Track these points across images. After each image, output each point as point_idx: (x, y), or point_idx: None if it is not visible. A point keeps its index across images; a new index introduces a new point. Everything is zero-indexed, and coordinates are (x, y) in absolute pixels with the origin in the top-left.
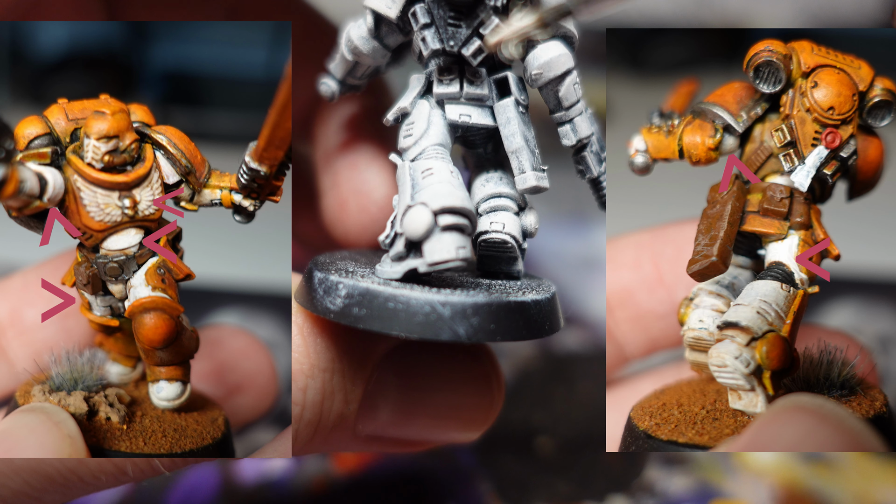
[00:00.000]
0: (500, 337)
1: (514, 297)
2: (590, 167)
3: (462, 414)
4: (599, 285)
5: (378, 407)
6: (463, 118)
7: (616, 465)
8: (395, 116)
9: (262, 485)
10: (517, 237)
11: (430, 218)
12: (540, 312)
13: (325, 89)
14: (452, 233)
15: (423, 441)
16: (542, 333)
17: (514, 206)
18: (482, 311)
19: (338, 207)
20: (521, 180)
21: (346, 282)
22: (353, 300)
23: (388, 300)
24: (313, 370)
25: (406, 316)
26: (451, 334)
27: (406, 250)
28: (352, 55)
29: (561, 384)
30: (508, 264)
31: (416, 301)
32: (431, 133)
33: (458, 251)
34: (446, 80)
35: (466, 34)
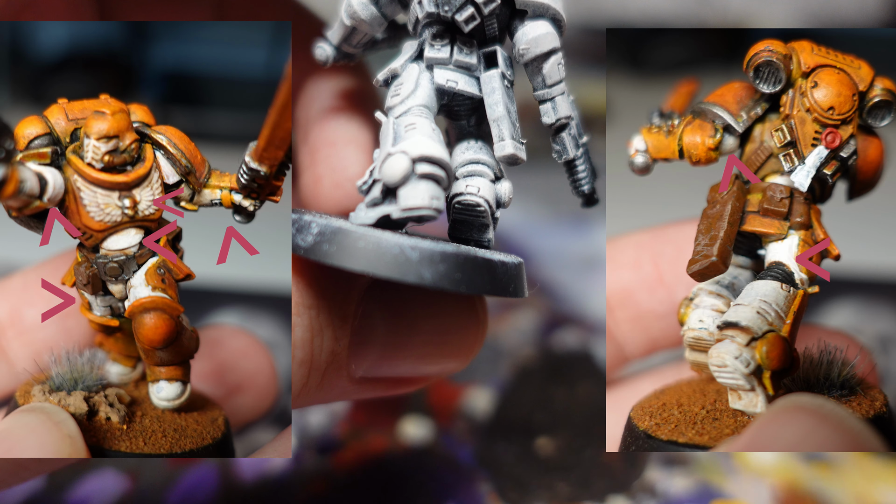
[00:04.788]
0: (465, 287)
1: (482, 255)
2: (566, 148)
3: (449, 344)
4: (599, 285)
5: (368, 343)
6: (450, 83)
7: (616, 465)
8: (385, 77)
9: (261, 485)
10: (491, 203)
11: (408, 164)
12: (506, 273)
13: (321, 53)
14: (428, 181)
15: (414, 377)
16: (505, 293)
17: (490, 174)
18: (449, 259)
19: (313, 183)
20: (500, 147)
21: (319, 220)
22: (324, 237)
23: (358, 239)
24: (298, 308)
25: (375, 255)
26: (417, 277)
27: (382, 196)
28: (350, 20)
29: (561, 384)
30: (480, 231)
31: (385, 242)
32: (418, 94)
33: (431, 200)
34: (438, 45)
35: (461, 1)
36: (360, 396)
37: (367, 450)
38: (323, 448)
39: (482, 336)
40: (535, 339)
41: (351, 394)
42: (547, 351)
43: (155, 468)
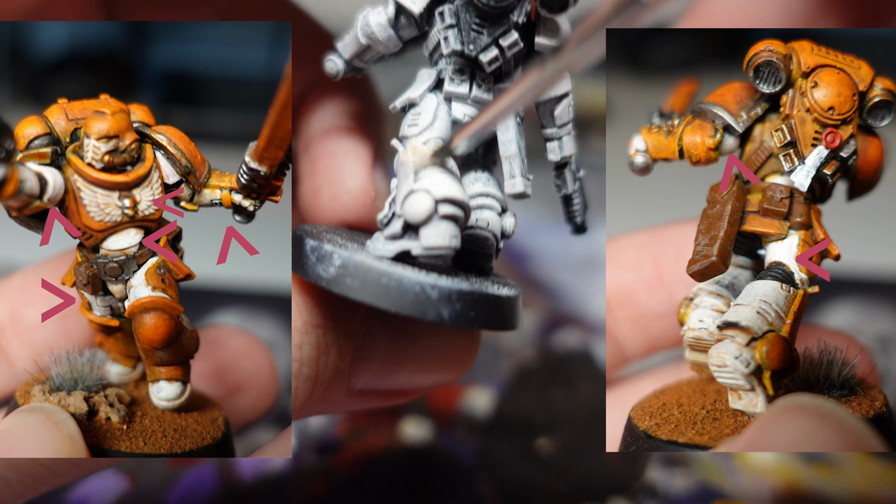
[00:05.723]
0: (478, 325)
1: (492, 291)
2: (566, 183)
3: (445, 358)
4: (599, 285)
5: (369, 358)
6: (467, 118)
7: (616, 465)
8: (402, 105)
9: (261, 485)
10: (497, 236)
11: (431, 204)
12: (511, 307)
13: (331, 66)
14: (449, 222)
15: (411, 389)
16: (510, 327)
17: (498, 207)
18: (465, 298)
19: (312, 194)
20: (511, 185)
21: (341, 253)
22: (347, 271)
23: (381, 276)
24: (307, 327)
25: (397, 293)
26: (436, 316)
27: (402, 231)
28: (366, 39)
29: (561, 384)
30: (483, 260)
31: (407, 280)
32: (436, 126)
33: (451, 240)
34: (458, 80)
35: (487, 41)
36: (357, 408)
37: (367, 450)
38: (323, 448)
39: (475, 350)
40: (535, 339)
41: (349, 406)
42: (547, 351)
43: (155, 468)
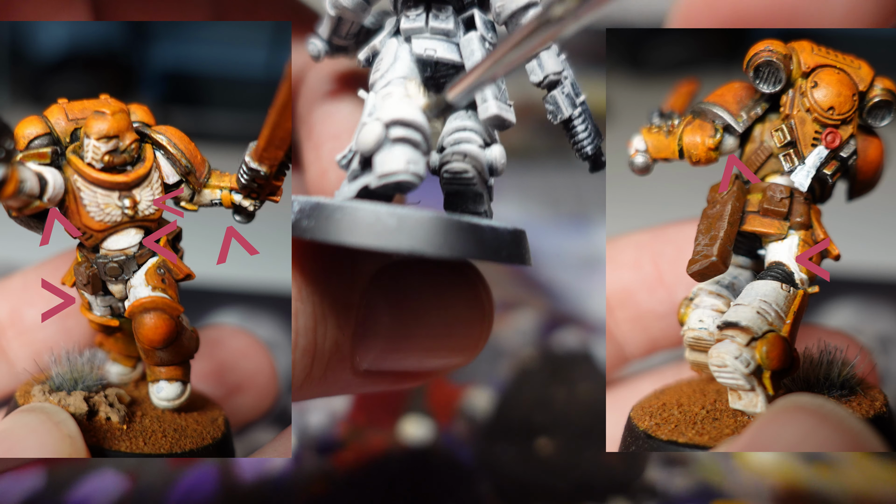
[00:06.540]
0: (447, 251)
1: (466, 219)
2: (560, 107)
3: (455, 337)
4: (599, 285)
5: (372, 335)
6: (428, 52)
7: (616, 465)
8: (366, 56)
9: (261, 485)
10: (480, 169)
11: (380, 130)
12: (496, 238)
13: (312, 48)
14: (403, 145)
15: (419, 371)
16: (495, 258)
17: (478, 139)
18: (429, 224)
19: (319, 177)
20: (483, 109)
21: (300, 198)
22: (304, 213)
23: (335, 211)
24: (300, 294)
25: (351, 225)
26: (396, 244)
27: (360, 168)
28: (334, 10)
29: (561, 384)
30: (475, 202)
31: (362, 212)
32: (398, 66)
33: (408, 164)
34: (413, 14)
35: None
36: (364, 390)
37: (367, 450)
38: (323, 448)
39: (488, 330)
40: (535, 339)
41: (355, 387)
42: (547, 351)
43: (155, 468)
